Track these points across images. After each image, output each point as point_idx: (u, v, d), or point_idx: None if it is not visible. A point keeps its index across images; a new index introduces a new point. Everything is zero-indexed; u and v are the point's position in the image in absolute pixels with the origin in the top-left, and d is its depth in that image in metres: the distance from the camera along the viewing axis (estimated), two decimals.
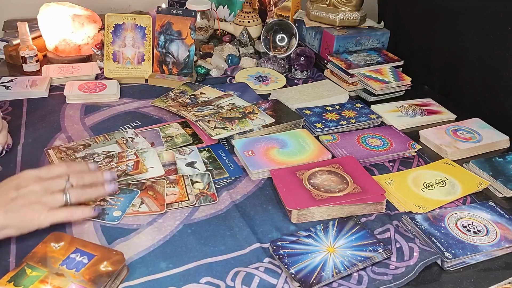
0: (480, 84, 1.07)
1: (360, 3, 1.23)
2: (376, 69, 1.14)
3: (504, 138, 0.95)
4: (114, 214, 0.70)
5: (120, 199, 0.73)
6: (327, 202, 0.72)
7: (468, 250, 0.66)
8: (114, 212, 0.70)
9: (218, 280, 0.61)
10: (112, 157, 0.82)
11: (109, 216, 0.70)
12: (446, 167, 0.85)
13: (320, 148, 0.88)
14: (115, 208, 0.71)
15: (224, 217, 0.72)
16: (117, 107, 1.02)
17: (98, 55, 1.18)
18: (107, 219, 0.69)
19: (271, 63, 1.23)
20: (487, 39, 1.03)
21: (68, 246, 0.60)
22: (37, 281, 0.55)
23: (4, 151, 0.82)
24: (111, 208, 0.71)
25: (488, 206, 0.75)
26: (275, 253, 0.64)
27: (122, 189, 0.75)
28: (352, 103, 1.05)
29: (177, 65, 1.14)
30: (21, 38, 1.11)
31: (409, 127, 1.00)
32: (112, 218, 0.69)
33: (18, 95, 1.03)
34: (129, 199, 0.73)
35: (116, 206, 0.71)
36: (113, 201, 0.72)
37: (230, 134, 0.89)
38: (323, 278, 0.60)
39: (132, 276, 0.60)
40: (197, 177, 0.79)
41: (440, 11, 1.16)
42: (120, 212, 0.70)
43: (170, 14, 1.13)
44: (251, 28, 1.34)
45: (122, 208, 0.71)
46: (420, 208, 0.74)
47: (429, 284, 0.62)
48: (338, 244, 0.66)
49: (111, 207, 0.71)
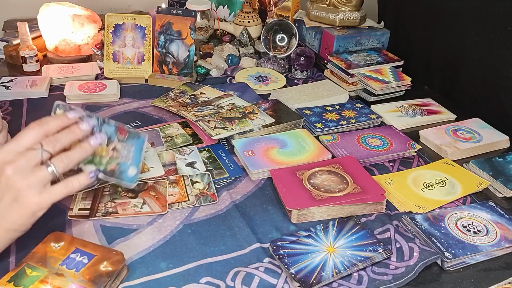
0: (480, 84, 1.07)
1: (360, 3, 1.23)
2: (376, 69, 1.14)
3: (504, 138, 0.95)
4: (129, 173, 0.64)
5: (131, 147, 0.64)
6: (327, 202, 0.72)
7: (468, 250, 0.66)
8: (129, 169, 0.64)
9: (218, 280, 0.61)
10: None
11: (126, 176, 0.63)
12: (446, 167, 0.85)
13: (320, 148, 0.88)
14: (129, 162, 0.63)
15: (224, 217, 0.72)
16: (117, 107, 1.02)
17: (98, 55, 1.19)
18: (126, 180, 0.63)
19: (271, 63, 1.23)
20: (487, 39, 1.03)
21: (68, 246, 0.60)
22: (37, 281, 0.55)
23: None
24: (125, 163, 0.63)
25: (488, 206, 0.75)
26: (275, 253, 0.64)
27: (128, 132, 0.65)
28: (352, 103, 1.05)
29: (177, 65, 1.14)
30: (21, 38, 1.11)
31: (409, 127, 1.00)
32: (130, 179, 0.63)
33: (18, 95, 1.03)
34: (139, 147, 0.65)
35: (129, 160, 0.64)
36: (126, 151, 0.64)
37: (230, 134, 0.89)
38: (323, 278, 0.60)
39: (132, 276, 0.60)
40: (197, 177, 0.79)
41: (440, 11, 1.16)
42: (135, 169, 0.64)
43: (170, 14, 1.13)
44: (251, 28, 1.34)
45: (136, 162, 0.64)
46: (420, 208, 0.74)
47: (429, 284, 0.62)
48: (338, 244, 0.66)
49: (124, 162, 0.63)
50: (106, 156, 0.63)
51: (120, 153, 0.64)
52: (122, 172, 0.64)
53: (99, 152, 0.62)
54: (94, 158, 0.63)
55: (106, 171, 0.63)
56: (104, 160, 0.63)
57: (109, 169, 0.63)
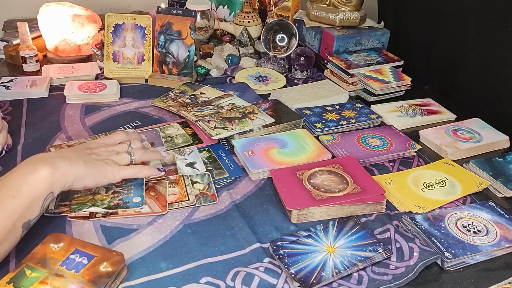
0: (480, 84, 1.07)
1: (360, 3, 1.23)
2: (376, 69, 1.14)
3: (504, 138, 0.95)
4: (134, 201, 0.72)
5: (131, 187, 0.74)
6: (327, 202, 0.72)
7: (468, 250, 0.66)
8: (133, 199, 0.72)
9: (218, 280, 0.61)
10: None
11: (132, 203, 0.71)
12: (446, 167, 0.85)
13: (320, 148, 0.88)
14: (131, 195, 0.73)
15: (224, 217, 0.72)
16: (117, 107, 1.02)
17: (98, 55, 1.18)
18: (133, 206, 0.71)
19: (271, 63, 1.23)
20: (487, 39, 1.03)
21: (68, 247, 0.60)
22: (36, 282, 0.55)
23: (4, 151, 0.82)
24: (128, 196, 0.73)
25: (488, 206, 0.75)
26: (275, 253, 0.64)
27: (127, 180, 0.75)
28: (352, 103, 1.05)
29: (177, 65, 1.14)
30: (21, 38, 1.11)
31: (409, 127, 1.00)
32: (136, 204, 0.71)
33: (18, 95, 1.03)
34: (139, 183, 0.75)
35: (131, 194, 0.73)
36: (125, 190, 0.74)
37: (230, 134, 0.89)
38: (323, 278, 0.60)
39: (132, 276, 0.60)
40: (197, 178, 0.79)
41: (440, 11, 1.16)
42: (139, 197, 0.72)
43: (170, 14, 1.13)
44: (251, 28, 1.34)
45: (139, 194, 0.73)
46: (420, 208, 0.74)
47: (429, 284, 0.62)
48: (338, 244, 0.66)
49: (127, 195, 0.73)
50: (106, 198, 0.72)
51: (120, 193, 0.73)
52: (126, 203, 0.72)
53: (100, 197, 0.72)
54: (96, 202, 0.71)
55: (110, 206, 0.71)
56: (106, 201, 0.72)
57: (112, 205, 0.71)
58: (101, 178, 0.68)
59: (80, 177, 0.65)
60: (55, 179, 0.62)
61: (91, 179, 0.67)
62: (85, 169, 0.65)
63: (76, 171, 0.65)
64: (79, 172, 0.65)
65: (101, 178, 0.68)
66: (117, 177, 0.69)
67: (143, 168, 0.72)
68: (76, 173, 0.65)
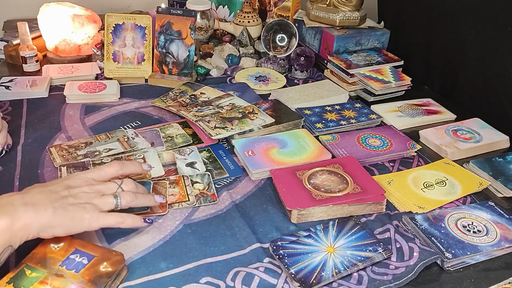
0: (480, 84, 1.07)
1: (360, 3, 1.23)
2: (376, 69, 1.14)
3: (504, 138, 0.95)
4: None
5: None
6: (327, 202, 0.72)
7: (468, 250, 0.66)
8: None
9: (218, 280, 0.61)
10: (120, 159, 0.82)
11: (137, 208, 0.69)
12: (446, 167, 0.85)
13: (320, 148, 0.88)
14: None
15: (224, 217, 0.72)
16: (117, 107, 1.02)
17: (98, 55, 1.18)
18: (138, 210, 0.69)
19: (271, 63, 1.23)
20: (487, 39, 1.03)
21: (68, 247, 0.60)
22: (36, 282, 0.55)
23: (4, 151, 0.82)
24: None
25: (488, 206, 0.75)
26: (275, 253, 0.64)
27: None
28: (352, 103, 1.05)
29: (177, 65, 1.14)
30: (21, 38, 1.11)
31: (409, 127, 1.00)
32: (142, 208, 0.70)
33: (18, 95, 1.03)
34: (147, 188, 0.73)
35: None
36: None
37: (230, 134, 0.89)
38: (323, 278, 0.60)
39: (132, 276, 0.60)
40: (197, 178, 0.79)
41: (440, 11, 1.16)
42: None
43: (170, 14, 1.13)
44: (251, 28, 1.34)
45: None
46: (420, 208, 0.74)
47: (429, 284, 0.62)
48: (338, 244, 0.66)
49: None
50: None
51: None
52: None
53: None
54: None
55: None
56: None
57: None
58: (73, 228, 0.59)
59: (47, 226, 0.57)
60: (14, 231, 0.54)
61: (60, 229, 0.58)
62: (54, 217, 0.57)
63: (41, 220, 0.56)
64: (46, 221, 0.57)
65: (73, 227, 0.59)
66: (94, 226, 0.60)
67: (127, 218, 0.63)
68: (41, 223, 0.56)
